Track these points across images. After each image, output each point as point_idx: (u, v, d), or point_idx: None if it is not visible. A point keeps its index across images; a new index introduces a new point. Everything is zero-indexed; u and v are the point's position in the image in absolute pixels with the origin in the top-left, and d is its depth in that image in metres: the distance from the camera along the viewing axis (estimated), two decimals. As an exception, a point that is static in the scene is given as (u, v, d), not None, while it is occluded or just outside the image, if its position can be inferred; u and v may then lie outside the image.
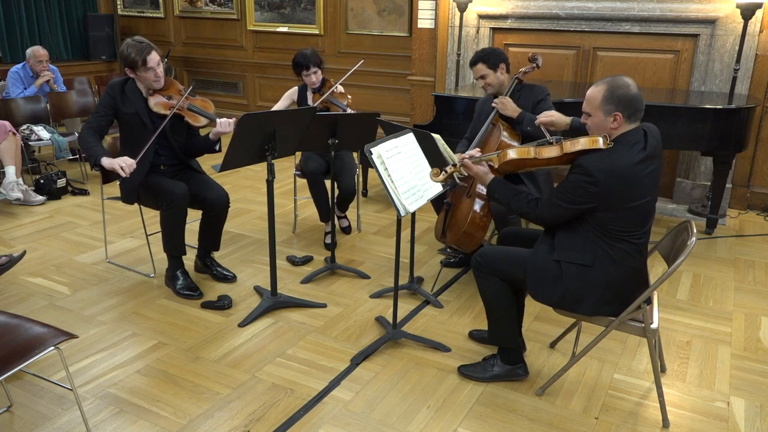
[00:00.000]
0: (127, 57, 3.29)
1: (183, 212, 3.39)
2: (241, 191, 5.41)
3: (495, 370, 2.75)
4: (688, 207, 5.19)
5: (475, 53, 3.54)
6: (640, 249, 2.40)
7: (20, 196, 4.84)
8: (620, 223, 2.33)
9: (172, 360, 2.87)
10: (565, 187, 2.38)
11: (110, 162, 3.23)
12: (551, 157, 2.43)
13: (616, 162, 2.28)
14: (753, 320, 3.37)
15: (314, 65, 4.08)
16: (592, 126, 2.42)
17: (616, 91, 2.33)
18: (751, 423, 2.54)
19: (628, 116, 2.34)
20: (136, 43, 3.31)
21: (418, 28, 6.05)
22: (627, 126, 2.36)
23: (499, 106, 3.45)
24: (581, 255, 2.41)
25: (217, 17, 7.77)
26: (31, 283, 3.61)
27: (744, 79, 4.85)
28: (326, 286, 3.66)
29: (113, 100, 3.37)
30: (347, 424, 2.47)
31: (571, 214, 2.39)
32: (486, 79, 3.52)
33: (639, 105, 2.35)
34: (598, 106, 2.36)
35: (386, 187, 2.64)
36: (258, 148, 3.06)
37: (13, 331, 2.14)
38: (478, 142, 3.46)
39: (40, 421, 2.43)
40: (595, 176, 2.27)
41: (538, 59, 3.62)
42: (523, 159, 2.50)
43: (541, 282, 2.48)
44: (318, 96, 4.14)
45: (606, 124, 2.36)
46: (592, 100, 2.39)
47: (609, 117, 2.35)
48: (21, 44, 7.40)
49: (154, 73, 3.32)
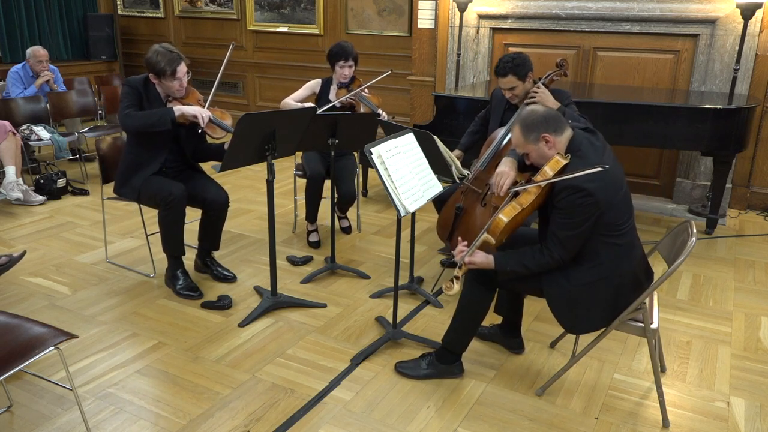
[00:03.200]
0: (156, 65, 3.22)
1: (181, 212, 3.39)
2: (241, 191, 5.41)
3: (429, 369, 2.76)
4: (688, 207, 5.19)
5: (502, 62, 3.32)
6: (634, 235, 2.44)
7: (20, 196, 4.84)
8: (619, 215, 2.35)
9: (172, 360, 2.87)
10: (563, 216, 2.33)
11: (191, 109, 3.20)
12: (533, 199, 2.39)
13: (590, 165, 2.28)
14: (753, 320, 3.37)
15: (352, 58, 4.10)
16: (536, 160, 2.44)
17: (527, 121, 2.39)
18: (751, 423, 2.54)
19: (554, 130, 2.37)
20: (167, 51, 3.24)
21: (418, 28, 6.05)
22: (561, 138, 2.38)
23: (539, 97, 3.28)
24: (597, 270, 2.39)
25: (217, 17, 7.77)
26: (31, 283, 3.61)
27: (744, 79, 4.85)
28: (326, 286, 3.66)
29: (138, 92, 3.30)
30: (347, 424, 2.47)
31: (584, 237, 2.36)
32: (514, 91, 3.35)
33: (554, 116, 2.40)
34: (525, 142, 2.41)
35: (386, 187, 2.64)
36: (258, 148, 3.06)
37: (13, 331, 2.14)
38: (496, 150, 3.34)
39: (40, 421, 2.43)
40: (585, 188, 2.26)
41: (565, 65, 3.45)
42: (515, 217, 2.42)
43: (574, 314, 2.45)
44: (344, 91, 4.12)
45: (544, 151, 2.39)
46: (517, 143, 2.45)
47: (540, 142, 2.38)
48: (21, 44, 7.40)
49: (180, 83, 3.30)
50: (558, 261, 2.40)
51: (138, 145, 3.41)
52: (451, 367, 2.76)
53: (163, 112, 3.22)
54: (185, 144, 3.46)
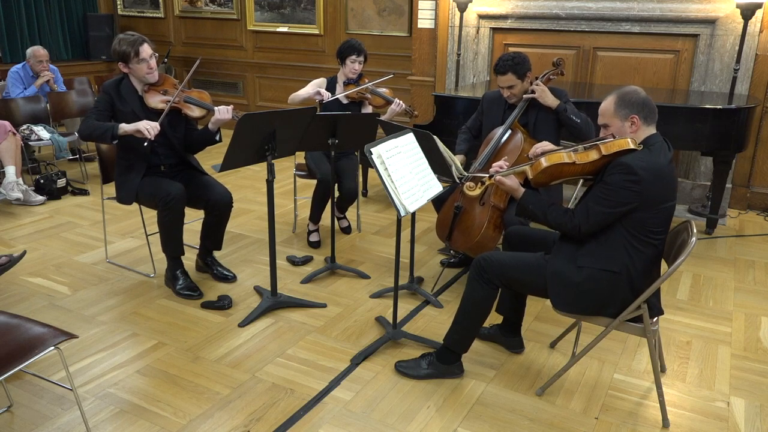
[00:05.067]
0: (120, 50, 3.30)
1: (180, 213, 3.39)
2: (241, 191, 5.41)
3: (429, 369, 2.76)
4: (688, 207, 5.19)
5: (502, 60, 3.36)
6: (660, 252, 2.43)
7: (20, 196, 4.84)
8: (654, 223, 2.33)
9: (172, 360, 2.87)
10: (604, 191, 2.33)
11: (133, 125, 3.21)
12: (589, 161, 2.36)
13: (655, 161, 2.30)
14: (753, 320, 3.37)
15: (363, 55, 4.19)
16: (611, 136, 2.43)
17: (626, 97, 2.37)
18: (751, 423, 2.54)
19: (644, 118, 2.37)
20: (128, 36, 3.32)
21: (418, 28, 6.05)
22: (645, 129, 2.39)
23: (539, 94, 3.32)
24: (608, 262, 2.38)
25: (217, 17, 7.77)
26: (31, 283, 3.61)
27: (744, 79, 4.85)
28: (326, 286, 3.66)
29: (109, 97, 3.37)
30: (347, 424, 2.47)
31: (610, 220, 2.35)
32: (513, 90, 3.39)
33: (652, 106, 2.39)
34: (613, 114, 2.39)
35: (386, 187, 2.64)
36: (258, 148, 3.06)
37: (13, 331, 2.14)
38: (494, 149, 3.40)
39: (40, 421, 2.43)
40: (639, 174, 2.26)
41: (562, 65, 3.50)
42: (560, 166, 2.40)
43: (565, 292, 2.45)
44: (352, 86, 4.18)
45: (624, 130, 2.39)
46: (605, 111, 2.42)
47: (626, 121, 2.38)
48: (21, 44, 7.40)
49: (147, 64, 3.32)
50: (575, 228, 2.40)
51: (122, 148, 3.46)
52: (452, 367, 2.75)
53: (107, 127, 3.25)
54: (171, 135, 3.46)
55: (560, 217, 2.45)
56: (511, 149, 3.36)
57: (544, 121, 3.43)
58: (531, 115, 3.47)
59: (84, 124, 3.35)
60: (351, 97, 4.19)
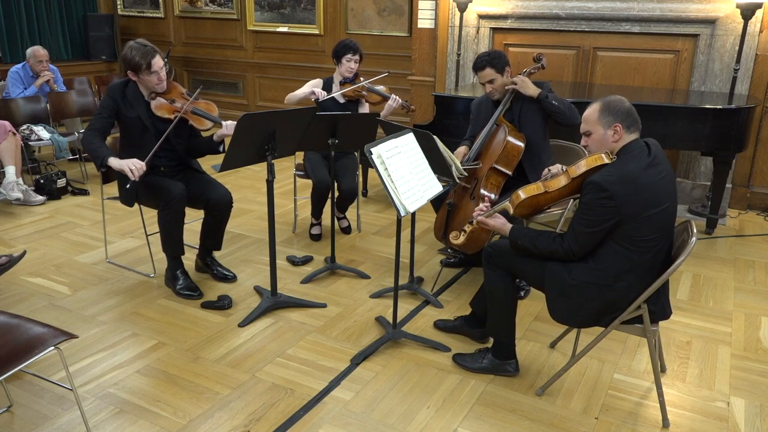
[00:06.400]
0: (131, 60, 3.27)
1: (180, 213, 3.38)
2: (241, 191, 5.41)
3: (484, 363, 2.78)
4: (688, 207, 5.19)
5: (479, 58, 3.46)
6: (662, 257, 2.41)
7: (20, 196, 4.84)
8: (643, 232, 2.31)
9: (172, 360, 2.87)
10: (583, 212, 2.36)
11: (119, 163, 3.19)
12: (561, 187, 2.43)
13: (625, 171, 2.30)
14: (753, 320, 3.37)
15: (358, 53, 4.22)
16: (592, 144, 2.45)
17: (611, 105, 2.39)
18: (751, 423, 2.54)
19: (627, 127, 2.38)
20: (140, 46, 3.29)
21: (418, 28, 6.05)
22: (627, 137, 2.39)
23: (520, 84, 3.39)
24: (602, 274, 2.39)
25: (217, 17, 7.77)
26: (31, 283, 3.61)
27: (744, 79, 4.85)
28: (326, 286, 3.66)
29: (115, 102, 3.35)
30: (347, 424, 2.47)
31: (598, 238, 2.37)
32: (494, 84, 3.46)
33: (635, 116, 2.41)
34: (597, 121, 2.40)
35: (386, 187, 2.64)
36: (258, 148, 3.06)
37: (13, 331, 2.14)
38: (481, 145, 3.44)
39: (40, 421, 2.43)
40: (609, 189, 2.26)
41: (543, 60, 3.60)
42: (535, 197, 2.49)
43: (560, 302, 2.48)
44: (348, 85, 4.21)
45: (607, 138, 2.40)
46: (589, 118, 2.43)
47: (609, 129, 2.38)
48: (21, 44, 7.41)
49: (158, 76, 3.31)
50: (567, 252, 2.42)
51: (123, 149, 3.46)
52: (505, 363, 2.77)
53: (99, 155, 3.24)
54: (175, 142, 3.46)
55: (551, 245, 2.45)
56: (495, 146, 3.41)
57: (529, 112, 3.47)
58: (515, 109, 3.51)
59: (87, 134, 3.34)
60: (348, 96, 4.21)
